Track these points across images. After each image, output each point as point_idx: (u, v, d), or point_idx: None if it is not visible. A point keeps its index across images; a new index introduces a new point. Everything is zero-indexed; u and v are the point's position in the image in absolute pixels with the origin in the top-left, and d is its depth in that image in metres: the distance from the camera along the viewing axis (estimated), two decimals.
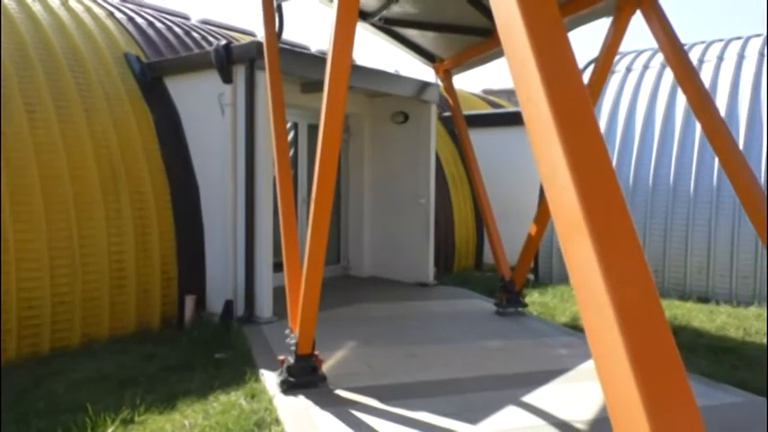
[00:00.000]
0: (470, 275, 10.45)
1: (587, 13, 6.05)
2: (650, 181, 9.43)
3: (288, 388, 4.60)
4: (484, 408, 4.30)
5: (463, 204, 11.25)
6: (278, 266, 5.60)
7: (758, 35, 10.32)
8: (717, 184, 8.81)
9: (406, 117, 9.19)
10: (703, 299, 8.70)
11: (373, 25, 7.15)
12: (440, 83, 8.69)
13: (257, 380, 4.91)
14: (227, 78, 6.76)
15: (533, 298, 8.48)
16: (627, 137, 9.92)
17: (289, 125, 8.69)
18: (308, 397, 4.49)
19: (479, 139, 9.56)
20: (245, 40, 9.18)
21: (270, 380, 4.83)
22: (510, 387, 4.77)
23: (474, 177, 8.14)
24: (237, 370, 5.14)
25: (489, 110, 14.31)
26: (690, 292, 8.92)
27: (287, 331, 4.98)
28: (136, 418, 4.23)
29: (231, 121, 6.84)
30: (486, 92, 17.77)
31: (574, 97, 1.53)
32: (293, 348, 4.71)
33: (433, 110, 9.18)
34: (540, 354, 5.85)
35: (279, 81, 5.53)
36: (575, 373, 5.15)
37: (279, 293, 5.92)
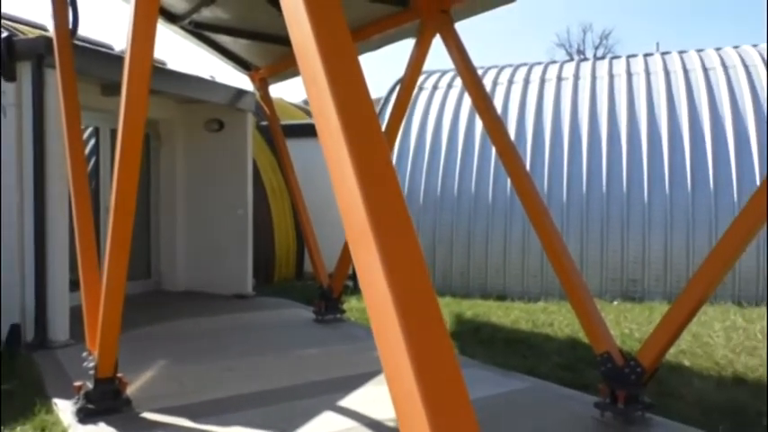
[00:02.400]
0: (291, 285, 10.45)
1: (393, 33, 6.43)
2: (455, 190, 10.26)
3: (85, 416, 4.21)
4: (300, 416, 4.32)
5: (283, 214, 11.21)
6: (76, 284, 5.10)
7: (539, 63, 11.83)
8: (510, 194, 9.86)
9: (221, 125, 8.95)
10: (501, 296, 9.65)
11: (183, 29, 6.86)
12: (256, 91, 8.61)
13: (49, 411, 4.41)
14: (10, 76, 6.03)
15: (352, 304, 8.70)
16: (434, 150, 10.70)
17: (90, 130, 7.99)
18: (109, 424, 4.14)
19: (298, 149, 9.61)
20: (34, 33, 8.24)
21: (65, 409, 4.38)
22: (327, 393, 4.86)
23: (291, 186, 8.18)
24: (26, 402, 4.56)
25: (308, 120, 14.46)
26: (490, 291, 9.86)
27: (85, 354, 4.55)
28: None
29: (16, 124, 6.10)
30: (307, 102, 17.90)
31: (361, 112, 1.62)
32: (92, 372, 4.32)
33: (249, 118, 9.06)
34: (356, 358, 6.03)
35: (73, 81, 5.06)
36: None
37: (78, 314, 5.39)
